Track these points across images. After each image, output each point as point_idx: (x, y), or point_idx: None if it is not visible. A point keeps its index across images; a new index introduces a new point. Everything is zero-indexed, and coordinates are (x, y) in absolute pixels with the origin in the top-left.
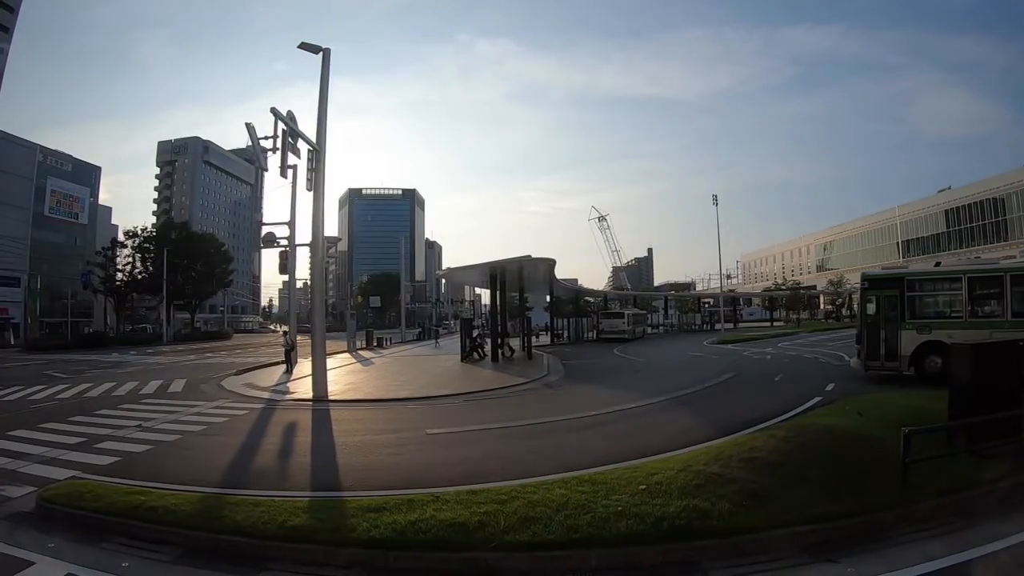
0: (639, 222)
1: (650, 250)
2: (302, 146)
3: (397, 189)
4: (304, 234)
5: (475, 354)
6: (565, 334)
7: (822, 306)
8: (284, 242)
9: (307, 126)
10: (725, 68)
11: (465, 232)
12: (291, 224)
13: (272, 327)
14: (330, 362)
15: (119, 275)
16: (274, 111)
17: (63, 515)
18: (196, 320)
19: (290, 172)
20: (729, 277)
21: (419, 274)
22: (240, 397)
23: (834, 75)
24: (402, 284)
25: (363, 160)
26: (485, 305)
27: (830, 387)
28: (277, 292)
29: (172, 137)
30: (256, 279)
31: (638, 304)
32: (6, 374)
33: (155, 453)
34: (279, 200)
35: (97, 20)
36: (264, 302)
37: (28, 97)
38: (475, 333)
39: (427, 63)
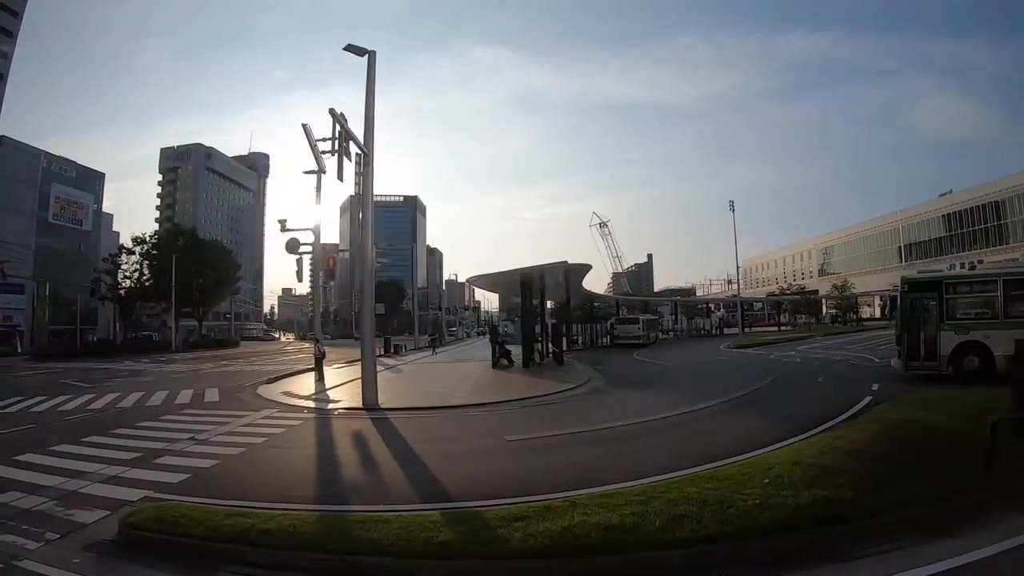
0: (633, 228)
1: (650, 255)
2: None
3: (398, 196)
4: (327, 237)
5: (503, 360)
6: (579, 340)
7: (824, 311)
8: (307, 248)
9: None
10: (719, 74)
11: (461, 239)
12: (346, 228)
13: (275, 335)
14: (357, 370)
15: (127, 282)
16: (332, 112)
17: (157, 543)
18: (202, 328)
19: (314, 177)
20: (730, 282)
21: (421, 281)
22: (285, 407)
23: (827, 80)
24: (415, 291)
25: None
26: (486, 312)
27: (875, 387)
28: (277, 300)
29: (172, 144)
30: (258, 285)
31: (648, 310)
32: (23, 383)
33: (225, 468)
34: (282, 206)
35: (94, 28)
36: (265, 309)
37: (26, 105)
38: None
39: (424, 71)
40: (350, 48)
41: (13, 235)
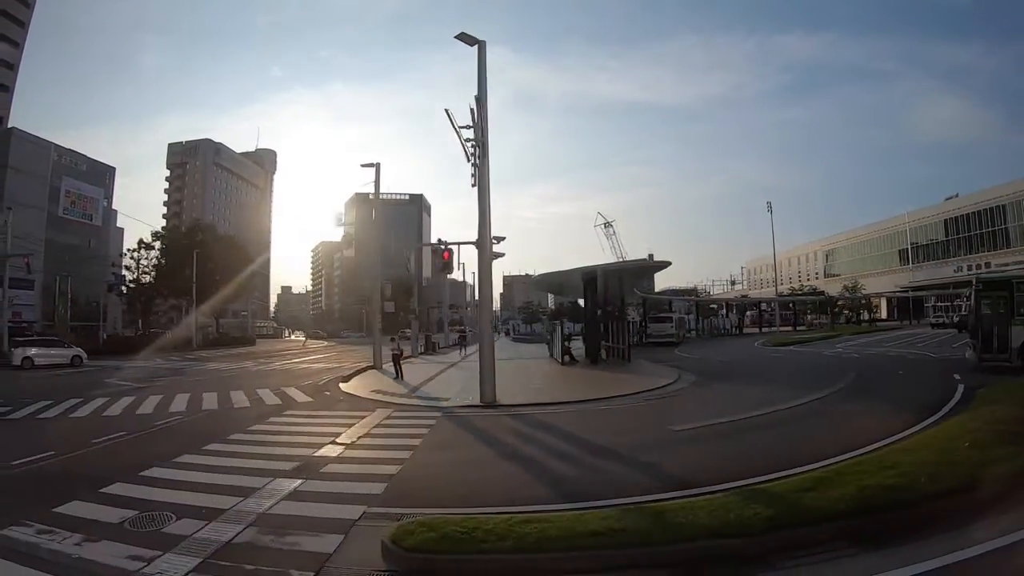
0: (631, 229)
1: (651, 255)
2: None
3: (404, 194)
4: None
5: (566, 357)
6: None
7: (830, 311)
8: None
9: (306, 128)
10: (717, 75)
11: (459, 238)
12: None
13: (287, 332)
14: (418, 367)
15: (145, 277)
16: (448, 112)
17: (450, 567)
18: (219, 325)
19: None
20: (733, 283)
21: (425, 280)
22: (396, 406)
23: (824, 82)
24: (445, 289)
25: (359, 165)
26: (496, 310)
27: (957, 376)
28: (276, 297)
29: (171, 140)
30: (266, 283)
31: (672, 309)
32: (66, 383)
33: (410, 475)
34: (286, 204)
35: (92, 25)
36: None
37: (20, 100)
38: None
39: (424, 71)
40: (462, 37)
41: (24, 229)
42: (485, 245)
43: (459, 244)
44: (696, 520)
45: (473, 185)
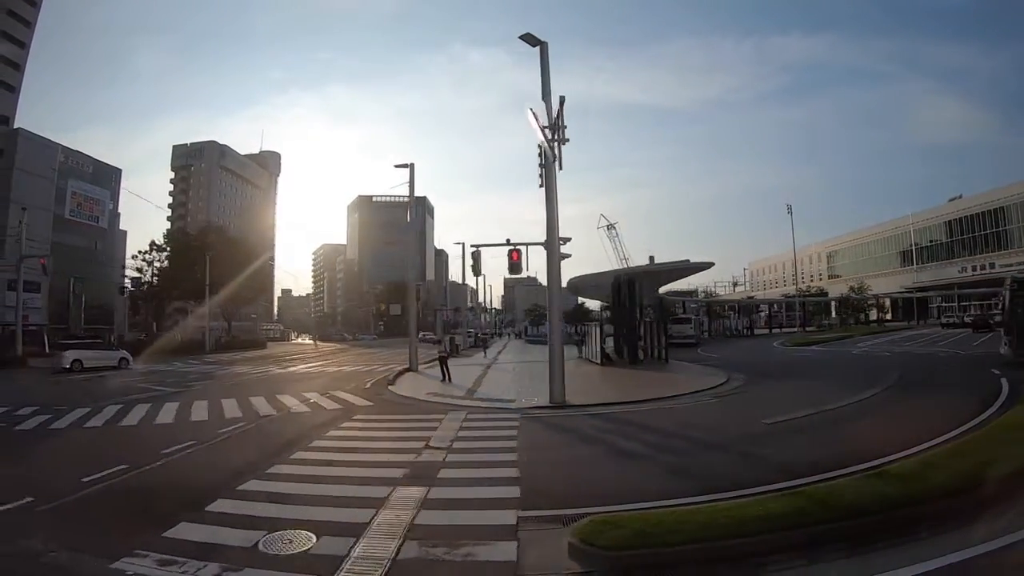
0: (629, 229)
1: (651, 257)
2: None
3: (407, 197)
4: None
5: (604, 358)
6: None
7: (833, 313)
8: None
9: (305, 130)
10: (715, 77)
11: (458, 238)
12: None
13: (293, 335)
14: (454, 369)
15: (156, 279)
16: (532, 112)
17: (644, 561)
18: (231, 328)
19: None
20: (735, 284)
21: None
22: (466, 409)
23: (822, 83)
24: (419, 291)
25: (359, 167)
26: (496, 309)
27: (996, 371)
28: (276, 300)
29: (170, 142)
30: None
31: (686, 309)
32: (97, 388)
33: (533, 475)
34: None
35: (90, 27)
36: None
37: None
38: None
39: (422, 72)
40: (526, 38)
41: (30, 231)
42: (554, 246)
43: (527, 244)
44: (842, 501)
45: (540, 186)
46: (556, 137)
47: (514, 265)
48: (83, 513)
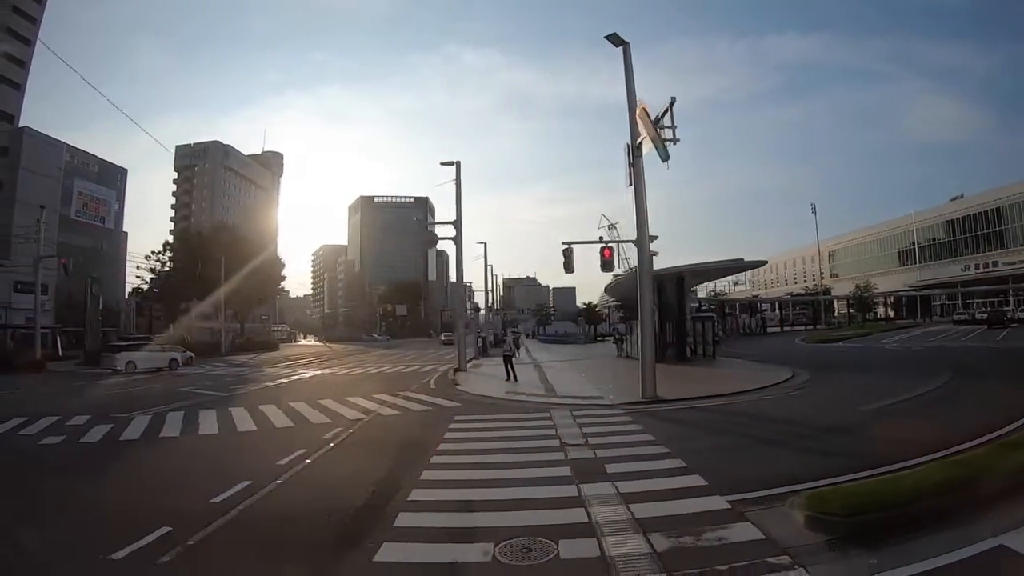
0: (624, 230)
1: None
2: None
3: (409, 197)
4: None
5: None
6: None
7: (837, 312)
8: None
9: (301, 132)
10: (709, 77)
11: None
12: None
13: (301, 337)
14: (499, 368)
15: (170, 280)
16: (645, 110)
17: (877, 524)
18: (243, 329)
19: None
20: (736, 284)
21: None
22: (565, 407)
23: (816, 83)
24: (485, 292)
25: (355, 168)
26: (501, 310)
27: None
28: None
29: (167, 143)
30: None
31: (700, 308)
32: (140, 393)
33: (705, 464)
34: (293, 204)
35: (88, 26)
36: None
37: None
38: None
39: (416, 73)
40: (611, 38)
41: (37, 232)
42: (644, 243)
43: (620, 242)
44: (997, 466)
45: (629, 185)
46: (663, 137)
47: (606, 262)
48: (251, 542)
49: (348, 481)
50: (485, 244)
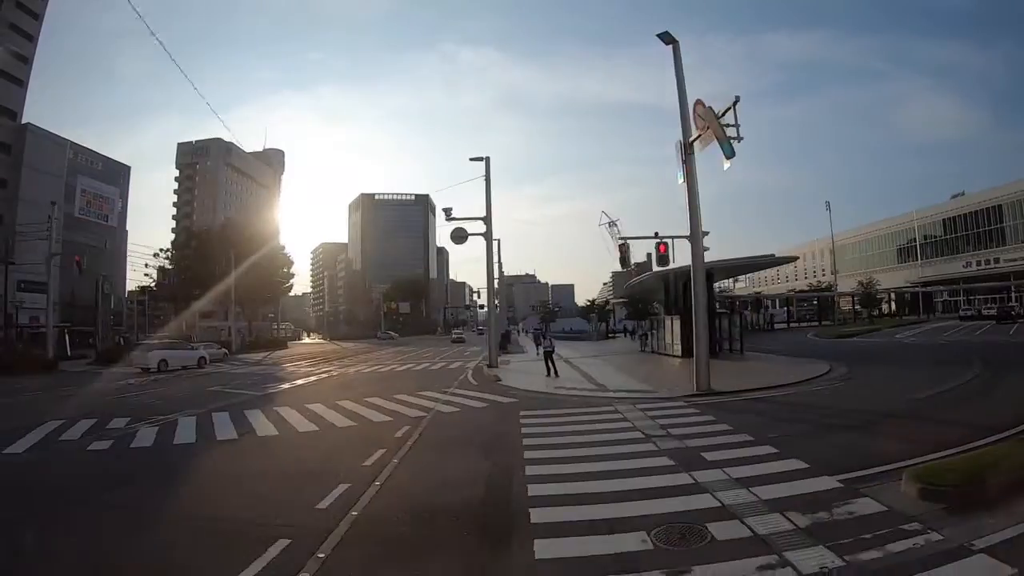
0: (623, 227)
1: (649, 255)
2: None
3: (410, 195)
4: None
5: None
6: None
7: (840, 308)
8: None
9: (297, 130)
10: (707, 75)
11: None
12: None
13: (304, 335)
14: (532, 364)
15: (177, 278)
16: (711, 108)
17: (986, 492)
18: (252, 328)
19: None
20: (736, 281)
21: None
22: (623, 401)
23: (814, 81)
24: (505, 290)
25: (352, 166)
26: (511, 307)
27: None
28: None
29: (164, 142)
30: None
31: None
32: (170, 393)
33: (797, 450)
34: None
35: (78, 29)
36: None
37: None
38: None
39: (412, 72)
40: (662, 36)
41: (43, 230)
42: (697, 238)
43: (673, 238)
44: None
45: (681, 182)
46: (728, 135)
47: (661, 257)
48: (389, 549)
49: (452, 480)
50: (499, 241)
